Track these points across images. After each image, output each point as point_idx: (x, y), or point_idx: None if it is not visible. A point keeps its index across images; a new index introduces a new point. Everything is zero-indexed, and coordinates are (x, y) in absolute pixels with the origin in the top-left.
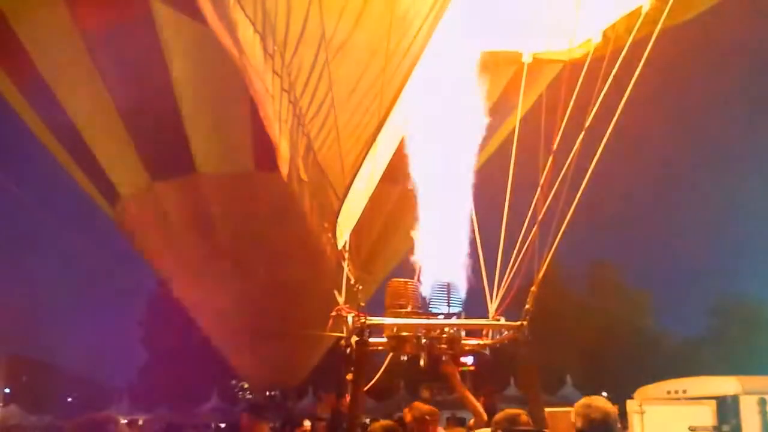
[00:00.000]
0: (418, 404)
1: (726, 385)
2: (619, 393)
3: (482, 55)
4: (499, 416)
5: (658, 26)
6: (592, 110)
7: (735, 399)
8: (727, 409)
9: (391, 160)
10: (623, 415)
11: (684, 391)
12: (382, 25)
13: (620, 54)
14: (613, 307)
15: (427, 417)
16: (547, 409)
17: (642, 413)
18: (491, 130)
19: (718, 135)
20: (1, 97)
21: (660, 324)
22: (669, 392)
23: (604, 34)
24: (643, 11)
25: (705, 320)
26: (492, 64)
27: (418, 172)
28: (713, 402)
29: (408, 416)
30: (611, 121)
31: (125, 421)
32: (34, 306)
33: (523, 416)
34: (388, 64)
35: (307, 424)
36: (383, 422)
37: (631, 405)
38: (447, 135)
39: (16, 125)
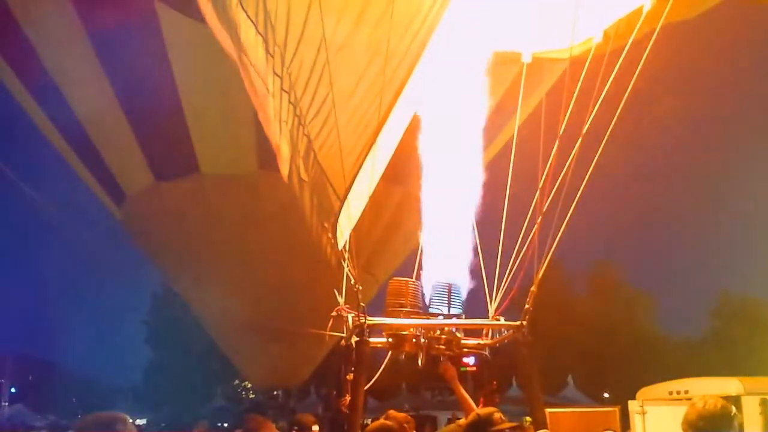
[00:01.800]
0: (393, 413)
1: (728, 385)
2: (622, 394)
3: (483, 56)
4: (471, 417)
5: (659, 24)
6: (592, 110)
7: (737, 400)
8: None
9: (392, 160)
10: (625, 416)
11: (686, 392)
12: (382, 25)
13: (621, 53)
14: (615, 308)
15: (405, 425)
16: (548, 410)
17: (644, 414)
18: (493, 131)
19: (720, 135)
20: (8, 95)
21: (662, 325)
22: (671, 393)
23: (605, 33)
24: (645, 10)
25: (707, 321)
26: (493, 64)
27: (419, 172)
28: None
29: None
30: (612, 120)
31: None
32: (40, 306)
33: (496, 414)
34: (388, 64)
35: (315, 429)
36: (382, 421)
37: (633, 405)
38: (448, 135)
39: (22, 123)
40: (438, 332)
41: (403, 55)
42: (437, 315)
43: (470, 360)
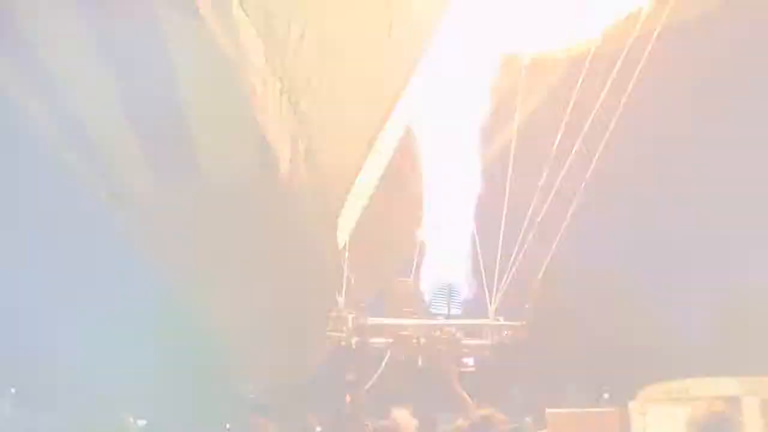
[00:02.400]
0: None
1: (728, 385)
2: (622, 394)
3: (483, 57)
4: (472, 418)
5: (659, 25)
6: (592, 111)
7: (737, 400)
8: None
9: (391, 160)
10: (625, 416)
11: (686, 392)
12: (382, 27)
13: (620, 54)
14: (615, 308)
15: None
16: (548, 410)
17: (644, 414)
18: (494, 131)
19: (720, 134)
20: (8, 95)
21: (662, 325)
22: (671, 393)
23: (605, 33)
24: (644, 12)
25: (707, 321)
26: (493, 65)
27: (419, 172)
28: None
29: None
30: (611, 121)
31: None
32: (40, 306)
33: (497, 415)
34: (389, 65)
35: (318, 430)
36: (381, 422)
37: (633, 406)
38: (448, 136)
39: (21, 123)
40: (438, 332)
41: (404, 57)
42: (437, 315)
43: (470, 360)
